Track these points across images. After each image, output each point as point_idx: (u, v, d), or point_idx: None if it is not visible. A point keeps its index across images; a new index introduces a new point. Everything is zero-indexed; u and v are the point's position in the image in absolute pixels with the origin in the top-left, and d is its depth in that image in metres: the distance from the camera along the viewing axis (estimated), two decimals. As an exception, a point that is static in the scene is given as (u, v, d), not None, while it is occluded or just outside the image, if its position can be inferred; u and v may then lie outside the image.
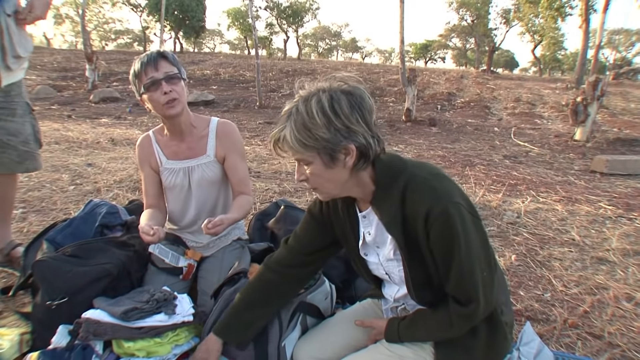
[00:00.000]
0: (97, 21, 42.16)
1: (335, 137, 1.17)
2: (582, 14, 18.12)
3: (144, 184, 2.13)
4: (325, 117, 1.16)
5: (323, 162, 1.21)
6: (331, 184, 1.27)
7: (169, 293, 1.72)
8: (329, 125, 1.16)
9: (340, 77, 1.24)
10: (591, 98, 7.91)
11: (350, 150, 1.19)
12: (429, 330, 1.35)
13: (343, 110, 1.17)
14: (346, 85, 1.21)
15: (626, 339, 2.06)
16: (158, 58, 1.86)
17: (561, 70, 45.81)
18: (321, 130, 1.16)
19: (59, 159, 5.12)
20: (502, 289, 1.45)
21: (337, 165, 1.21)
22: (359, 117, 1.18)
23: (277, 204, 2.44)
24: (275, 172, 4.99)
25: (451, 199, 1.19)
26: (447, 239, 1.19)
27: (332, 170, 1.22)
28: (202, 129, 2.07)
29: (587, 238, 3.32)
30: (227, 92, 13.88)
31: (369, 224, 1.38)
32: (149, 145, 2.09)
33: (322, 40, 53.12)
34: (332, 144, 1.17)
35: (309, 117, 1.17)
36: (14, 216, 3.16)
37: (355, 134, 1.18)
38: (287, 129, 1.20)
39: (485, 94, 14.70)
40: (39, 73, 16.17)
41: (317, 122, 1.16)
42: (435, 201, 1.18)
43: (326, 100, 1.17)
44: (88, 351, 1.56)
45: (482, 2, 29.35)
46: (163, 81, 1.85)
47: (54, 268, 1.76)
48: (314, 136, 1.17)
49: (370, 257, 1.44)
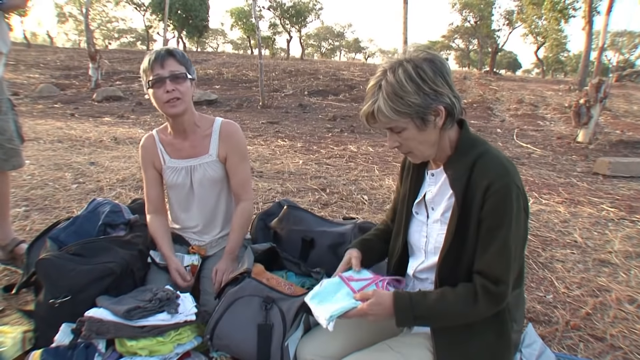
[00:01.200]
0: (101, 20, 42.23)
1: (425, 101, 1.27)
2: (586, 16, 18.08)
3: (146, 187, 2.14)
4: (414, 83, 1.26)
5: (416, 125, 1.31)
6: (424, 146, 1.36)
7: (171, 292, 1.72)
8: (418, 90, 1.26)
9: (417, 47, 1.33)
10: (594, 100, 7.90)
11: (439, 111, 1.29)
12: (449, 306, 1.30)
13: (428, 76, 1.26)
14: (425, 53, 1.30)
15: (628, 341, 2.06)
16: (166, 56, 1.88)
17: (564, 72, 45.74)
18: (413, 96, 1.26)
19: (62, 157, 5.14)
20: (520, 305, 1.44)
21: (428, 127, 1.31)
22: (442, 80, 1.28)
23: (280, 204, 2.43)
24: (278, 172, 4.99)
25: (515, 180, 1.26)
26: (500, 213, 1.25)
27: (425, 132, 1.32)
28: (206, 128, 2.08)
29: (590, 240, 3.31)
30: (230, 92, 13.89)
31: (434, 182, 1.46)
32: (152, 145, 2.10)
33: (325, 40, 53.13)
34: (423, 108, 1.27)
35: (399, 86, 1.26)
36: (17, 214, 3.17)
37: (442, 95, 1.28)
38: (380, 100, 1.28)
39: (488, 95, 14.69)
40: (42, 71, 16.22)
41: (408, 89, 1.26)
42: (500, 176, 1.26)
43: (412, 69, 1.26)
44: (91, 349, 1.57)
45: (485, 4, 29.30)
46: (167, 79, 1.86)
47: (58, 266, 1.76)
48: (407, 102, 1.26)
49: (419, 215, 1.51)
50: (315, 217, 2.34)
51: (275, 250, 1.98)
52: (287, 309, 1.59)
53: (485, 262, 1.28)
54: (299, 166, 5.33)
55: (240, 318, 1.61)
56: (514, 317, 1.38)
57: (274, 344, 1.55)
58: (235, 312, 1.62)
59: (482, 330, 1.34)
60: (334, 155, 6.01)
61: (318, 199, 3.98)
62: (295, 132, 8.26)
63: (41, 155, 5.12)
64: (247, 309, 1.61)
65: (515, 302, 1.36)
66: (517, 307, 1.40)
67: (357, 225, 2.15)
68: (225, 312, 1.62)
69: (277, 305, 1.60)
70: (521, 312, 1.48)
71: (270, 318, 1.59)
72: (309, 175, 4.87)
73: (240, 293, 1.64)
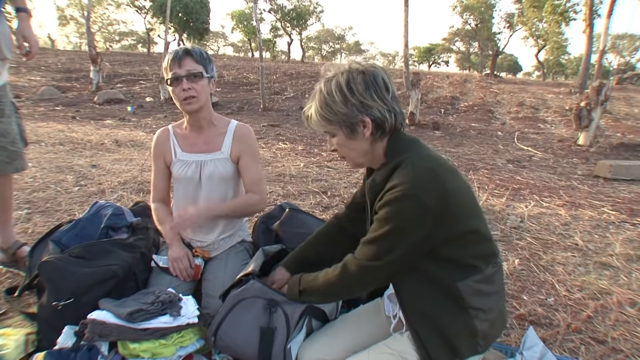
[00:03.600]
0: (102, 23, 42.34)
1: (351, 112, 1.35)
2: (586, 19, 18.11)
3: (154, 176, 2.22)
4: (342, 94, 1.35)
5: (344, 133, 1.40)
6: (355, 153, 1.45)
7: (174, 295, 1.73)
8: (345, 101, 1.35)
9: (357, 61, 1.42)
10: (595, 103, 7.92)
11: (366, 122, 1.36)
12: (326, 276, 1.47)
13: (358, 88, 1.34)
14: (363, 67, 1.38)
15: (629, 344, 2.06)
16: (183, 55, 1.95)
17: (565, 74, 45.78)
18: (339, 106, 1.35)
19: (64, 160, 5.14)
20: (483, 296, 1.39)
21: (357, 136, 1.39)
22: (373, 93, 1.35)
23: (281, 207, 2.44)
24: (279, 174, 4.99)
25: (417, 192, 1.27)
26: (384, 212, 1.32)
27: (354, 141, 1.41)
28: (222, 127, 2.15)
29: (591, 243, 3.31)
30: (231, 95, 13.92)
31: None
32: (165, 139, 2.16)
33: (326, 43, 53.27)
34: (349, 118, 1.36)
35: (329, 96, 1.37)
36: (19, 217, 3.18)
37: (370, 108, 1.35)
38: (313, 107, 1.42)
39: (488, 98, 14.71)
40: (44, 74, 16.27)
41: (335, 99, 1.36)
42: (404, 183, 1.29)
43: (343, 80, 1.35)
44: (93, 352, 1.57)
45: (486, 6, 29.39)
46: (184, 78, 1.94)
47: (60, 269, 1.77)
48: (334, 111, 1.37)
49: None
50: (317, 219, 2.34)
51: (287, 252, 1.99)
52: (291, 312, 1.60)
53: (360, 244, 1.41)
54: (300, 169, 5.33)
55: (243, 320, 1.61)
56: (475, 305, 1.37)
57: (277, 347, 1.56)
58: (238, 314, 1.62)
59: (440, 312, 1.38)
60: (335, 158, 6.01)
61: (319, 202, 3.99)
62: (297, 134, 8.28)
63: (43, 158, 5.13)
64: (250, 311, 1.61)
65: (472, 292, 1.35)
66: (478, 297, 1.37)
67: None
68: (228, 313, 1.62)
69: (281, 308, 1.60)
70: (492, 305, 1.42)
71: (273, 321, 1.59)
72: (310, 178, 4.88)
73: (243, 295, 1.64)
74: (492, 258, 1.43)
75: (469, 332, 1.38)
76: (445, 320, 1.37)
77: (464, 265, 1.37)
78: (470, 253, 1.37)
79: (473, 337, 1.38)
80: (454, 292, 1.35)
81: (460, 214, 1.33)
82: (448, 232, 1.32)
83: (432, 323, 1.38)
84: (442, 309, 1.38)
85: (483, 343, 1.40)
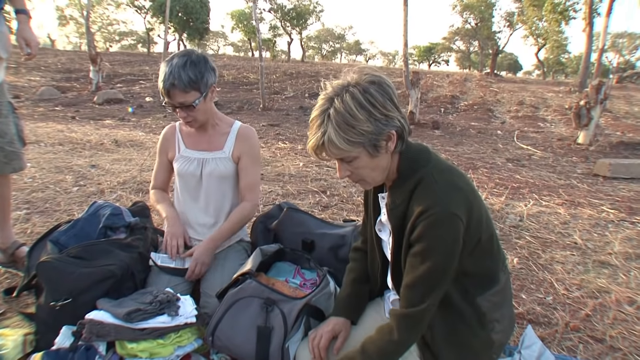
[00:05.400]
0: (102, 22, 42.35)
1: (377, 128, 1.21)
2: (586, 18, 18.12)
3: (156, 168, 2.29)
4: (365, 110, 1.19)
5: (369, 153, 1.25)
6: (376, 172, 1.32)
7: (171, 294, 1.73)
8: (369, 117, 1.20)
9: (359, 70, 1.27)
10: (594, 101, 7.91)
11: (391, 135, 1.24)
12: (373, 346, 1.32)
13: (378, 100, 1.20)
14: (370, 76, 1.24)
15: (628, 342, 2.06)
16: (170, 88, 1.88)
17: (565, 73, 45.78)
18: (365, 124, 1.19)
19: (63, 160, 5.14)
20: (499, 307, 1.39)
21: (380, 152, 1.26)
22: (390, 104, 1.23)
23: (280, 207, 2.44)
24: (279, 174, 5.00)
25: (451, 208, 1.21)
26: (425, 241, 1.23)
27: (377, 159, 1.27)
28: (225, 127, 2.18)
29: (590, 242, 3.31)
30: (231, 94, 13.91)
31: (384, 205, 1.44)
32: (172, 134, 2.22)
33: (326, 42, 53.27)
34: (376, 135, 1.22)
35: (350, 115, 1.19)
36: (17, 217, 3.18)
37: (392, 119, 1.23)
38: (331, 131, 1.20)
39: (488, 97, 14.71)
40: (43, 74, 16.27)
41: (359, 117, 1.19)
42: (435, 204, 1.21)
43: (361, 94, 1.20)
44: (91, 352, 1.57)
45: (486, 5, 29.38)
46: (178, 108, 1.95)
47: (59, 269, 1.77)
48: (359, 131, 1.20)
49: (382, 234, 1.51)
50: (316, 219, 2.34)
51: (284, 251, 2.00)
52: (288, 310, 1.60)
53: (402, 288, 1.30)
54: (299, 168, 5.33)
55: (240, 319, 1.61)
56: (493, 318, 1.36)
57: (274, 346, 1.56)
58: (235, 314, 1.62)
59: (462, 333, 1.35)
60: (334, 158, 6.01)
61: (318, 202, 3.99)
62: (296, 134, 8.27)
63: (42, 158, 5.12)
64: (247, 311, 1.62)
65: (491, 305, 1.34)
66: (495, 309, 1.36)
67: (357, 228, 2.16)
68: (225, 313, 1.63)
69: (278, 307, 1.61)
70: (504, 312, 1.43)
71: (270, 320, 1.59)
72: (310, 177, 4.88)
73: (240, 294, 1.64)
74: (503, 263, 1.42)
75: (487, 346, 1.36)
76: (467, 341, 1.34)
77: (482, 276, 1.34)
78: (486, 263, 1.34)
79: (489, 350, 1.37)
80: (476, 309, 1.33)
81: (482, 220, 1.30)
82: (472, 243, 1.28)
83: (455, 345, 1.34)
84: (466, 332, 1.34)
85: (496, 354, 1.40)
